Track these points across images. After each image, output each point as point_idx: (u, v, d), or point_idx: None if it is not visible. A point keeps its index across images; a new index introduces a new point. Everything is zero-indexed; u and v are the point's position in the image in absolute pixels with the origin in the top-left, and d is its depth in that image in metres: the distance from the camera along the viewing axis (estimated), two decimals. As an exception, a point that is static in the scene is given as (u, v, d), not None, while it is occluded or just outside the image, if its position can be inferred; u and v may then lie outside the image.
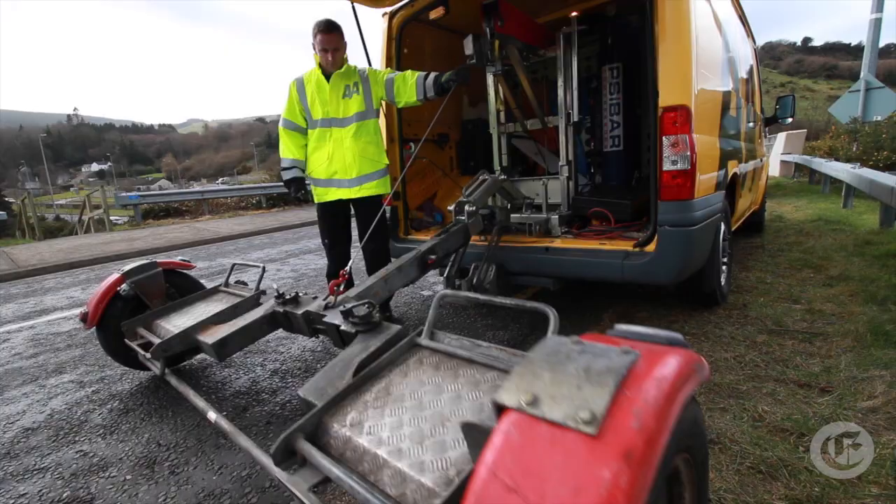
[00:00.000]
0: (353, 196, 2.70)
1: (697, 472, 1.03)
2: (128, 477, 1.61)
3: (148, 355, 1.87)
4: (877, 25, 9.27)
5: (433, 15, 2.99)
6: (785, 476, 1.31)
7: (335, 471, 0.99)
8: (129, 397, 2.24)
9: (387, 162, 2.84)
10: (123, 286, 2.21)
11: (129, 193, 13.85)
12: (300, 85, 2.70)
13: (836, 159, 8.41)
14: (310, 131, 2.73)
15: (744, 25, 3.94)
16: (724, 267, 2.80)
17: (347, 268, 1.93)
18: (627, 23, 3.26)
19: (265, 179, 18.64)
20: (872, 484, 1.25)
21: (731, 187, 2.91)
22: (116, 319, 2.18)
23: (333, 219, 2.80)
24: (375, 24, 3.44)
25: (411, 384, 1.18)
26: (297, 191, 2.77)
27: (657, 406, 0.66)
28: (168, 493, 1.51)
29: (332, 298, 1.73)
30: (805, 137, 13.65)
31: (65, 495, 1.54)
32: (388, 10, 3.16)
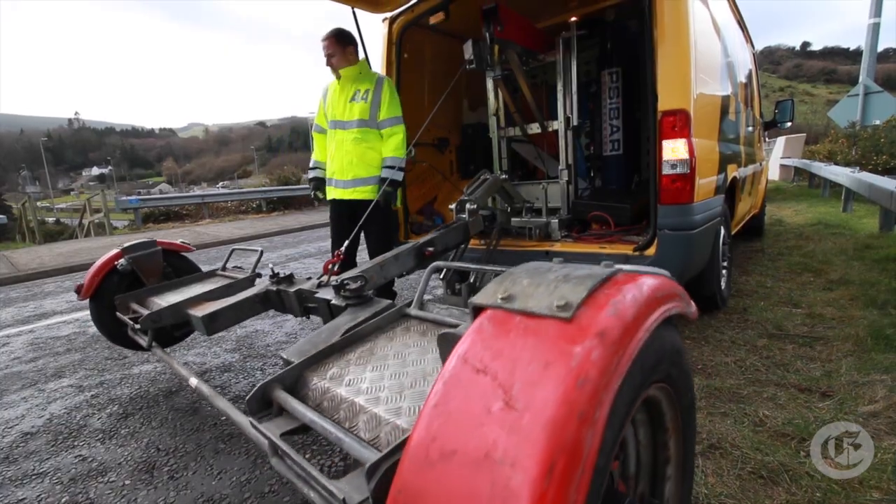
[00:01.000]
0: (346, 197, 2.75)
1: (683, 420, 1.00)
2: (127, 482, 1.60)
3: (137, 326, 1.86)
4: (875, 30, 9.32)
5: (433, 20, 3.00)
6: (786, 481, 1.31)
7: (308, 415, 0.99)
8: (128, 402, 2.23)
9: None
10: (121, 261, 2.22)
11: (129, 197, 13.86)
12: (325, 90, 2.87)
13: (835, 163, 8.44)
14: (328, 132, 2.88)
15: (742, 30, 3.95)
16: (724, 271, 2.80)
17: (342, 248, 1.96)
18: (626, 27, 3.27)
19: (265, 183, 18.65)
20: (874, 489, 1.25)
21: (730, 191, 2.91)
22: (111, 293, 2.17)
23: (337, 217, 2.86)
24: (376, 28, 3.46)
25: (396, 346, 1.18)
26: (314, 188, 2.95)
27: (635, 305, 0.65)
28: (167, 498, 1.50)
29: (325, 278, 1.75)
30: (804, 141, 13.69)
31: (63, 500, 1.54)
32: (389, 15, 3.18)
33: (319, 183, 2.92)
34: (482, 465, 0.56)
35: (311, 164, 3.00)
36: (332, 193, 2.80)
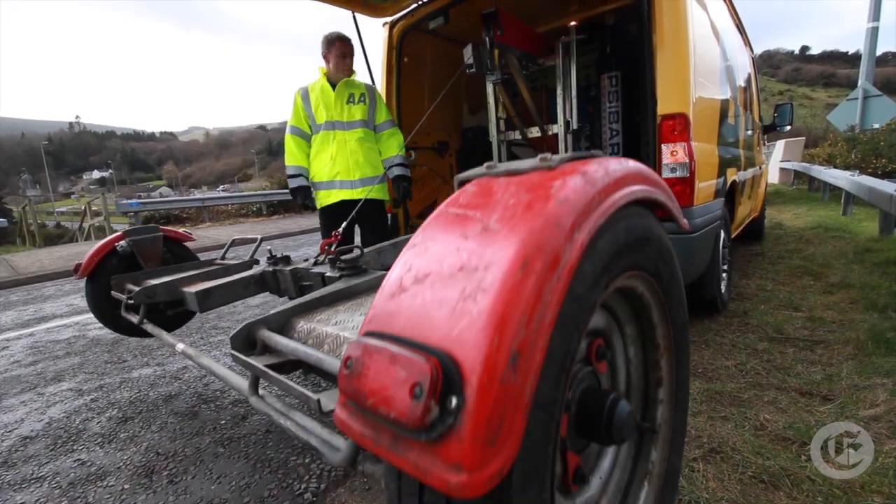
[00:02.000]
0: (354, 197, 2.72)
1: (677, 340, 1.00)
2: (126, 486, 1.60)
3: (131, 301, 1.86)
4: (874, 34, 9.36)
5: (433, 24, 3.02)
6: (787, 485, 1.30)
7: (291, 345, 1.00)
8: (127, 405, 2.23)
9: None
10: (122, 243, 2.22)
11: (129, 201, 13.87)
12: (304, 93, 2.79)
13: (835, 166, 8.45)
14: (313, 136, 2.80)
15: (741, 34, 3.97)
16: (724, 274, 2.80)
17: (339, 230, 1.97)
18: (626, 31, 3.29)
19: (266, 187, 18.70)
20: (875, 493, 1.24)
21: (730, 195, 2.91)
22: (108, 274, 2.17)
23: (336, 223, 2.82)
24: (376, 33, 3.48)
25: None
26: (303, 198, 2.81)
27: (614, 171, 0.70)
28: (166, 502, 1.50)
29: (321, 257, 1.76)
30: (804, 145, 13.73)
31: (62, 505, 1.53)
32: (389, 19, 3.19)
33: (307, 191, 2.81)
34: (455, 277, 0.56)
35: (290, 171, 2.81)
36: (336, 196, 2.76)
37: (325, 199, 2.80)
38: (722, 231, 2.65)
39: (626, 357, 1.01)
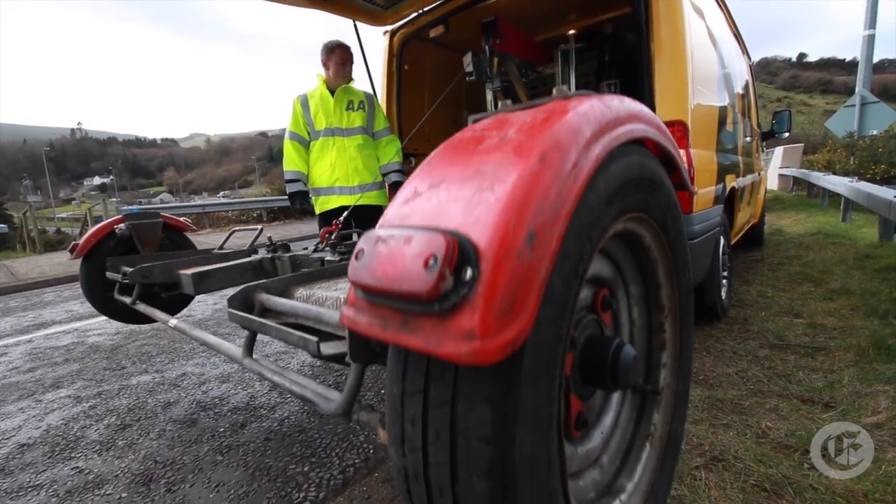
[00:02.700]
0: (353, 203, 2.71)
1: (681, 303, 1.01)
2: (123, 495, 1.58)
3: (126, 281, 1.84)
4: (870, 42, 9.43)
5: (433, 33, 3.04)
6: (790, 493, 1.29)
7: (290, 303, 1.01)
8: (126, 413, 2.22)
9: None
10: (121, 226, 2.21)
11: (130, 206, 13.90)
12: (304, 100, 2.82)
13: (834, 173, 8.47)
14: (312, 143, 2.82)
15: (738, 42, 4.00)
16: (724, 281, 2.80)
17: (340, 218, 1.98)
18: (624, 40, 3.31)
19: (266, 193, 18.73)
20: (878, 502, 1.23)
21: (729, 201, 2.92)
22: (104, 256, 2.16)
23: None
24: (375, 41, 3.50)
25: None
26: (301, 203, 2.82)
27: (631, 105, 0.76)
28: (164, 511, 1.49)
29: (322, 245, 1.77)
30: (802, 151, 13.77)
31: (59, 514, 1.52)
32: (389, 28, 3.22)
33: (304, 196, 2.83)
34: (472, 178, 0.57)
35: (288, 176, 2.81)
36: (335, 202, 2.78)
37: (324, 204, 2.82)
38: (721, 237, 2.65)
39: (630, 318, 1.02)
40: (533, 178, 0.53)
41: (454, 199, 0.55)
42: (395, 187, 2.88)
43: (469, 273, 0.49)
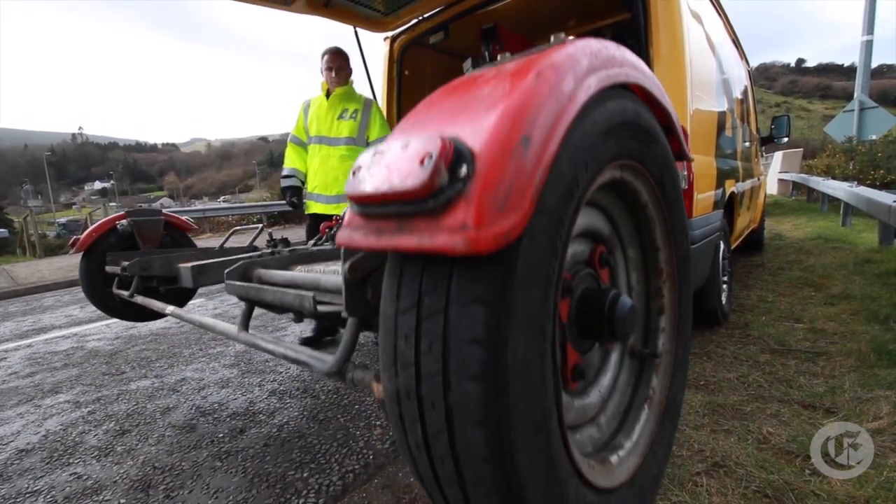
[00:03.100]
0: (329, 212, 2.77)
1: (680, 269, 1.01)
2: (122, 501, 1.57)
3: (125, 272, 1.85)
4: (868, 47, 9.47)
5: (433, 39, 3.06)
6: (791, 500, 1.28)
7: (287, 274, 1.04)
8: (125, 418, 2.21)
9: None
10: (123, 222, 2.23)
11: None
12: (307, 105, 2.92)
13: (833, 177, 8.49)
14: (308, 147, 2.92)
15: (737, 48, 4.02)
16: (724, 286, 2.80)
17: (342, 213, 1.99)
18: (623, 45, 3.33)
19: (266, 197, 18.77)
20: (881, 509, 1.23)
21: (729, 206, 2.92)
22: (104, 251, 2.17)
23: (314, 232, 2.88)
24: (376, 47, 3.52)
25: None
26: (292, 195, 2.94)
27: (627, 53, 0.80)
28: (162, 517, 1.48)
29: (322, 239, 1.79)
30: (802, 156, 13.81)
31: (57, 520, 1.51)
32: (390, 34, 3.24)
33: (295, 190, 2.94)
34: (469, 101, 0.59)
35: (284, 172, 2.99)
36: (312, 208, 2.88)
37: (309, 207, 2.92)
38: (721, 242, 2.65)
39: (628, 283, 1.02)
40: (529, 90, 0.55)
41: (452, 116, 0.58)
42: None
43: (464, 169, 0.50)
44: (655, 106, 0.90)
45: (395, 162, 0.54)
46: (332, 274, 1.01)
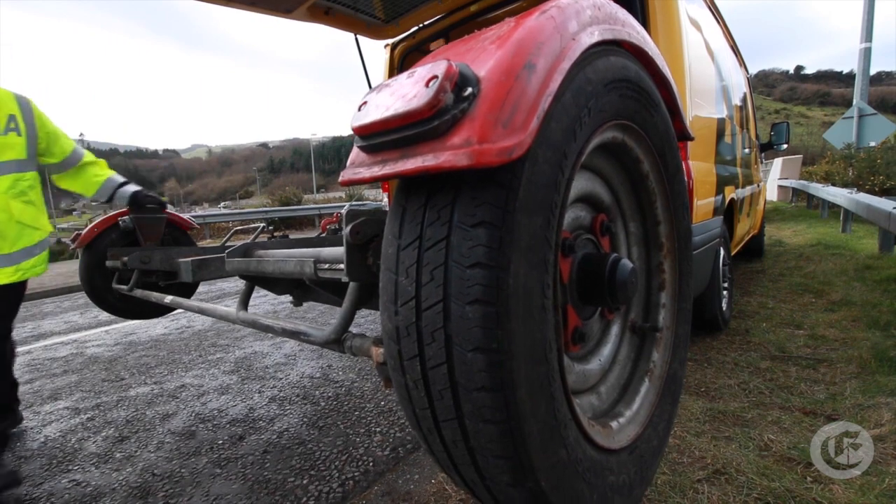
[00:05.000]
0: (5, 281, 1.78)
1: (679, 245, 1.03)
2: (120, 508, 1.57)
3: (126, 265, 1.86)
4: (867, 54, 9.53)
5: (434, 46, 3.08)
6: (794, 508, 1.28)
7: (287, 251, 1.08)
8: (124, 425, 2.20)
9: (50, 229, 2.02)
10: (125, 218, 2.24)
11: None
12: None
13: (833, 184, 8.51)
14: None
15: (736, 55, 4.05)
16: (725, 292, 2.80)
17: (343, 210, 2.00)
18: None
19: (267, 204, 18.82)
20: (884, 517, 1.22)
21: (729, 212, 2.93)
22: (106, 247, 2.19)
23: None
24: (376, 53, 3.55)
25: None
26: None
27: (630, 16, 0.82)
28: (161, 525, 1.47)
29: (323, 235, 1.79)
30: (801, 163, 13.85)
31: (55, 528, 1.50)
32: (390, 41, 3.26)
33: None
34: (477, 45, 0.61)
35: None
36: None
37: None
38: (722, 248, 2.65)
39: (629, 258, 1.04)
40: (534, 25, 0.57)
41: (459, 55, 0.60)
42: (136, 195, 2.21)
43: (469, 90, 0.52)
44: (657, 76, 0.92)
45: (401, 88, 0.55)
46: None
